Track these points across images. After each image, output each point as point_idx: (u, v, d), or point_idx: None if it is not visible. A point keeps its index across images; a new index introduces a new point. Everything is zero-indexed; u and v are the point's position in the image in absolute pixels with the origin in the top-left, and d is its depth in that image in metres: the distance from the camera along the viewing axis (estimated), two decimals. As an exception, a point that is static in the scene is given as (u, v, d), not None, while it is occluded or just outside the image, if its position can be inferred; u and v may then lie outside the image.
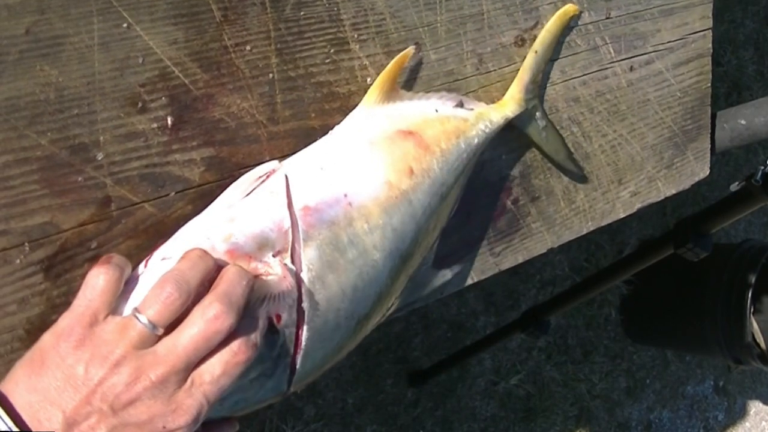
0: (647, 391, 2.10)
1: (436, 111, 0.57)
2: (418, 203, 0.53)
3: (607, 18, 0.70)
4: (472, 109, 0.59)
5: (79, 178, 0.46)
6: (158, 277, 0.43)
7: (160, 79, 0.48)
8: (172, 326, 0.42)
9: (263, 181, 0.49)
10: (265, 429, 1.54)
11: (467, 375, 1.81)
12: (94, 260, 0.46)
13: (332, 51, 0.55)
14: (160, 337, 0.42)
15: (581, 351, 1.99)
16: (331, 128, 0.55)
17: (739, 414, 2.28)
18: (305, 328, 0.47)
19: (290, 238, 0.47)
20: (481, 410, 1.82)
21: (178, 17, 0.48)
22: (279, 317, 0.46)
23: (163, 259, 0.45)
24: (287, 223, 0.47)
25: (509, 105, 0.62)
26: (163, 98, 0.48)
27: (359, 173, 0.51)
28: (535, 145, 0.66)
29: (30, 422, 0.39)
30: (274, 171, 0.50)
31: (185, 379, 0.41)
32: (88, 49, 0.45)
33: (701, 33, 0.78)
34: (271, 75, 0.53)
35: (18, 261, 0.44)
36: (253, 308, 0.44)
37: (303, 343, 0.47)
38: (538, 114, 0.65)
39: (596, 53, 0.70)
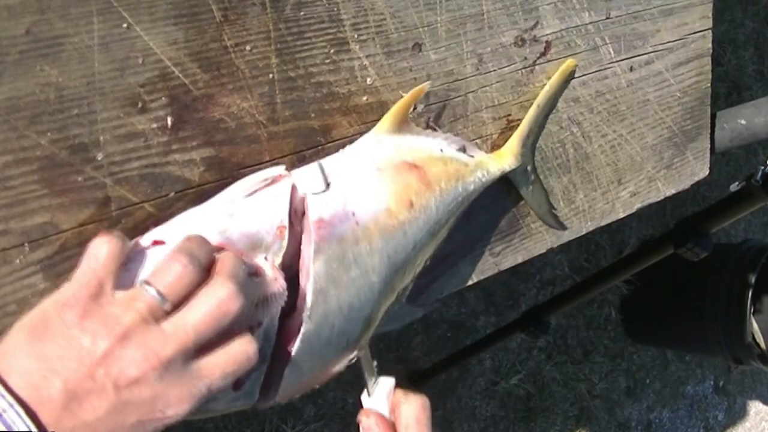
0: (647, 391, 2.10)
1: (441, 151, 0.57)
2: (411, 236, 0.53)
3: (606, 18, 0.70)
4: (473, 156, 0.60)
5: (79, 178, 0.46)
6: (155, 258, 0.43)
7: (160, 80, 0.48)
8: (175, 309, 0.41)
9: (268, 185, 0.49)
10: (265, 429, 1.54)
11: (467, 375, 1.81)
12: (105, 233, 0.46)
13: (332, 51, 0.55)
14: (167, 314, 0.40)
15: (581, 351, 1.99)
16: (331, 128, 0.55)
17: (739, 414, 2.28)
18: (299, 337, 0.47)
19: (285, 243, 0.47)
20: (481, 410, 1.82)
21: (178, 17, 0.48)
22: (259, 323, 0.46)
23: (156, 242, 0.44)
24: (286, 227, 0.47)
25: (507, 158, 0.63)
26: (163, 98, 0.48)
27: (365, 195, 0.51)
28: (520, 195, 0.67)
29: (25, 388, 0.37)
30: (281, 177, 0.50)
31: (192, 361, 0.40)
32: (88, 49, 0.45)
33: (701, 33, 0.78)
34: (271, 75, 0.53)
35: (18, 261, 0.44)
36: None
37: (294, 353, 0.47)
38: (528, 168, 0.66)
39: (596, 53, 0.70)
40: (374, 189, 0.52)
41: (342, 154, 0.54)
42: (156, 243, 0.45)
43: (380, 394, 0.54)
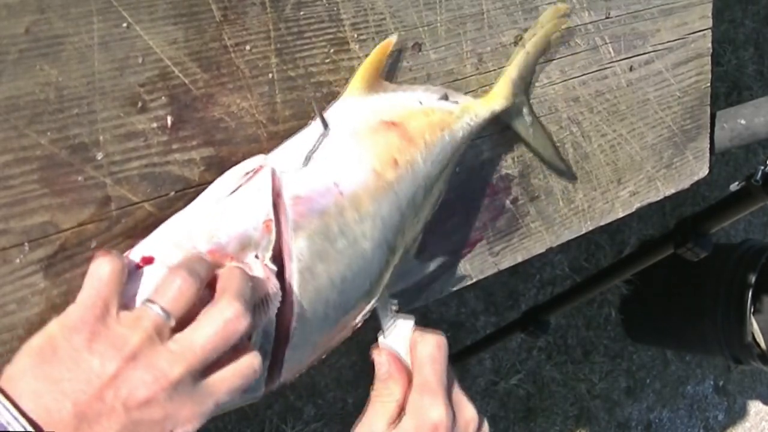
0: (647, 391, 2.10)
1: (420, 103, 0.56)
2: (402, 195, 0.52)
3: (606, 18, 0.70)
4: (457, 102, 0.58)
5: (79, 178, 0.46)
6: (150, 274, 0.43)
7: (159, 79, 0.48)
8: (181, 324, 0.41)
9: (250, 178, 0.48)
10: (265, 429, 1.54)
11: (467, 375, 1.81)
12: (106, 252, 0.46)
13: (332, 51, 0.55)
14: (173, 331, 0.40)
15: (581, 351, 1.99)
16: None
17: (739, 414, 2.28)
18: (294, 318, 0.47)
19: (273, 237, 0.46)
20: (481, 410, 1.82)
21: (178, 17, 0.48)
22: (258, 326, 0.45)
23: (144, 258, 0.44)
24: (272, 220, 0.46)
25: (496, 99, 0.61)
26: (163, 98, 0.48)
27: (347, 163, 0.50)
28: (523, 140, 0.66)
29: (36, 411, 0.37)
30: (261, 167, 0.49)
31: (200, 379, 0.41)
32: (88, 48, 0.45)
33: (701, 33, 0.78)
34: (270, 75, 0.53)
35: (18, 260, 0.44)
36: None
37: (292, 334, 0.47)
38: (525, 110, 0.64)
39: (596, 53, 0.70)
40: (356, 155, 0.51)
41: (316, 126, 0.53)
42: (144, 259, 0.44)
43: (397, 334, 0.54)
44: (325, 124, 0.51)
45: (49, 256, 0.45)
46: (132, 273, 0.44)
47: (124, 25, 0.47)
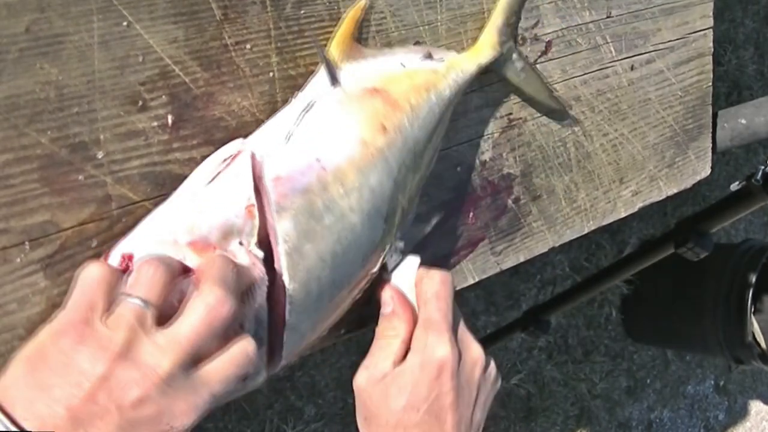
0: (648, 391, 2.10)
1: (403, 65, 0.54)
2: (393, 160, 0.51)
3: (607, 17, 0.70)
4: (442, 60, 0.56)
5: (80, 177, 0.46)
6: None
7: (160, 78, 0.48)
8: (164, 319, 0.41)
9: (228, 164, 0.47)
10: (266, 428, 1.54)
11: (467, 375, 1.80)
12: (94, 259, 0.46)
13: (333, 50, 0.55)
14: (157, 322, 0.40)
15: (582, 350, 1.99)
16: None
17: (739, 414, 2.28)
18: (288, 301, 0.46)
19: (257, 222, 0.45)
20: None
21: (178, 16, 0.48)
22: (249, 313, 0.45)
23: (124, 256, 0.44)
24: (254, 205, 0.46)
25: (482, 51, 0.59)
26: (164, 97, 0.48)
27: (331, 135, 0.49)
28: (515, 88, 0.64)
29: (30, 420, 0.37)
30: (239, 152, 0.48)
31: (192, 371, 0.40)
32: (88, 47, 0.45)
33: (702, 32, 0.78)
34: (271, 73, 0.52)
35: (18, 260, 0.44)
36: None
37: (288, 316, 0.47)
38: (514, 56, 0.62)
39: (597, 52, 0.70)
40: (340, 126, 0.49)
41: (297, 102, 0.51)
42: (125, 256, 0.44)
43: (403, 273, 0.54)
44: (334, 78, 0.50)
45: (49, 255, 0.45)
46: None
47: (125, 23, 0.46)
